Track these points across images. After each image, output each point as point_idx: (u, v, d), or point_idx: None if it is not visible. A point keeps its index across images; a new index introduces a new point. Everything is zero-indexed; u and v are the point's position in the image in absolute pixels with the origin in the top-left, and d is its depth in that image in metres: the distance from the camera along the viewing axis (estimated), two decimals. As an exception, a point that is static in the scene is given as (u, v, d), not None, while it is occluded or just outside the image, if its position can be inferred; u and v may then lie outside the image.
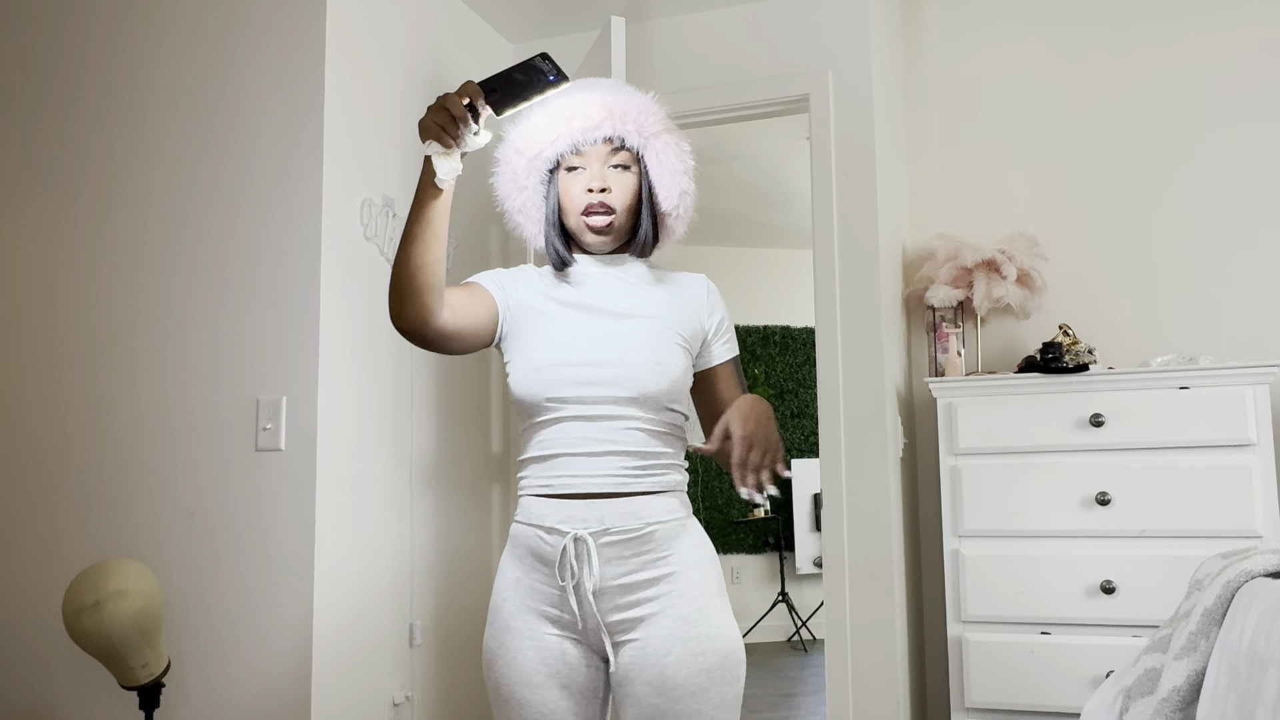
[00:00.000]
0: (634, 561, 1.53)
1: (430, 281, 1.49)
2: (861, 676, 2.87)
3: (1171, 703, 1.68)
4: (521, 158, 1.65)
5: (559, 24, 3.35)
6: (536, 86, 1.47)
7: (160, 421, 2.54)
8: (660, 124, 1.66)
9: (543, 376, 1.56)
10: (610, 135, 1.61)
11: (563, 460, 1.56)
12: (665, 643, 1.51)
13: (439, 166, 1.43)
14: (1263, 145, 3.14)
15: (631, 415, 1.55)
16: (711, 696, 1.51)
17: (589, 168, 1.61)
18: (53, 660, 2.55)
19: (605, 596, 1.53)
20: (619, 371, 1.55)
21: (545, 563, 1.55)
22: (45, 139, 2.76)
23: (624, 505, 1.53)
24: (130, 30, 2.71)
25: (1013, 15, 3.42)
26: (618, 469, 1.54)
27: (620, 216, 1.62)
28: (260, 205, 2.52)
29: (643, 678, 1.52)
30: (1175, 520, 2.70)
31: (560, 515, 1.54)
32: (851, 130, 3.04)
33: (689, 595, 1.54)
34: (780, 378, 6.96)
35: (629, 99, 1.64)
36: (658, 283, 1.68)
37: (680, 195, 1.67)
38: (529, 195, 1.67)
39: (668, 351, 1.59)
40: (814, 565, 6.74)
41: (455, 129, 1.41)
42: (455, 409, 3.04)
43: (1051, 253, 3.26)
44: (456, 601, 2.98)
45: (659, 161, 1.65)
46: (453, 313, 1.55)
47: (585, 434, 1.55)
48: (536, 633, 1.56)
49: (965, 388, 2.93)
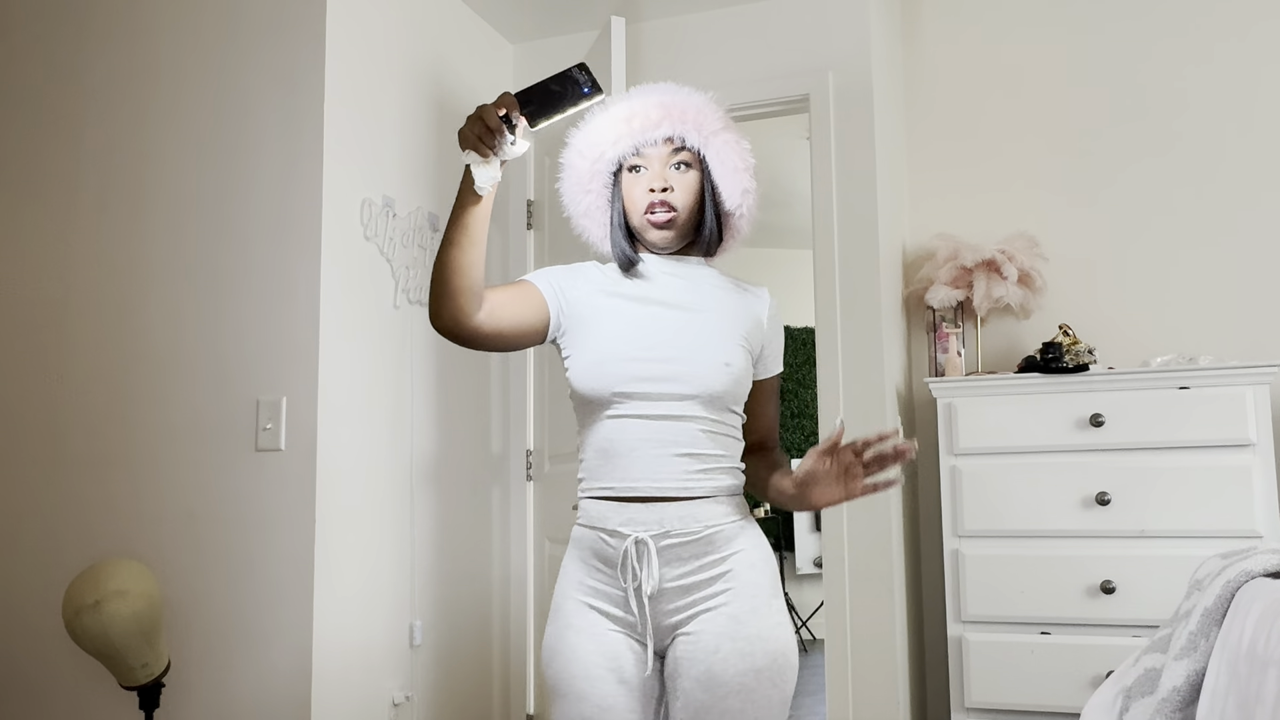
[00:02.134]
0: (693, 564, 1.55)
1: (464, 284, 1.51)
2: (861, 676, 2.87)
3: (1171, 703, 1.68)
4: (585, 160, 1.67)
5: (559, 24, 3.35)
6: (571, 98, 1.50)
7: (160, 421, 2.54)
8: (720, 122, 1.66)
9: (607, 370, 1.56)
10: (670, 135, 1.63)
11: (624, 461, 1.56)
12: (715, 640, 1.53)
13: (477, 175, 1.47)
14: (1263, 145, 3.14)
15: (694, 415, 1.56)
16: (757, 697, 1.52)
17: (651, 168, 1.63)
18: (53, 660, 2.55)
19: (664, 597, 1.55)
20: (686, 368, 1.56)
21: (608, 564, 1.57)
22: (46, 139, 2.76)
23: (683, 509, 1.55)
24: (131, 30, 2.71)
25: (1013, 16, 3.42)
26: (678, 472, 1.55)
27: (683, 214, 1.63)
28: (260, 205, 2.52)
29: (691, 672, 1.53)
30: (1175, 520, 2.70)
31: (621, 518, 1.55)
32: (851, 130, 3.04)
33: (743, 595, 1.55)
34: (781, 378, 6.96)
35: (687, 98, 1.66)
36: (723, 285, 1.69)
37: (743, 194, 1.67)
38: (593, 199, 1.69)
39: (735, 352, 1.60)
40: (814, 565, 6.74)
41: (492, 139, 1.44)
42: (455, 409, 3.04)
43: (1051, 253, 3.26)
44: (456, 601, 2.98)
45: (720, 160, 1.65)
46: (490, 314, 1.56)
47: (648, 434, 1.55)
48: (598, 629, 1.57)
49: (965, 388, 2.93)
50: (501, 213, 3.35)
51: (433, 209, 2.95)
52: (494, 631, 3.19)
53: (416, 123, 2.91)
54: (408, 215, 2.83)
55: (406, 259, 2.81)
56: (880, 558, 2.88)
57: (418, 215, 2.88)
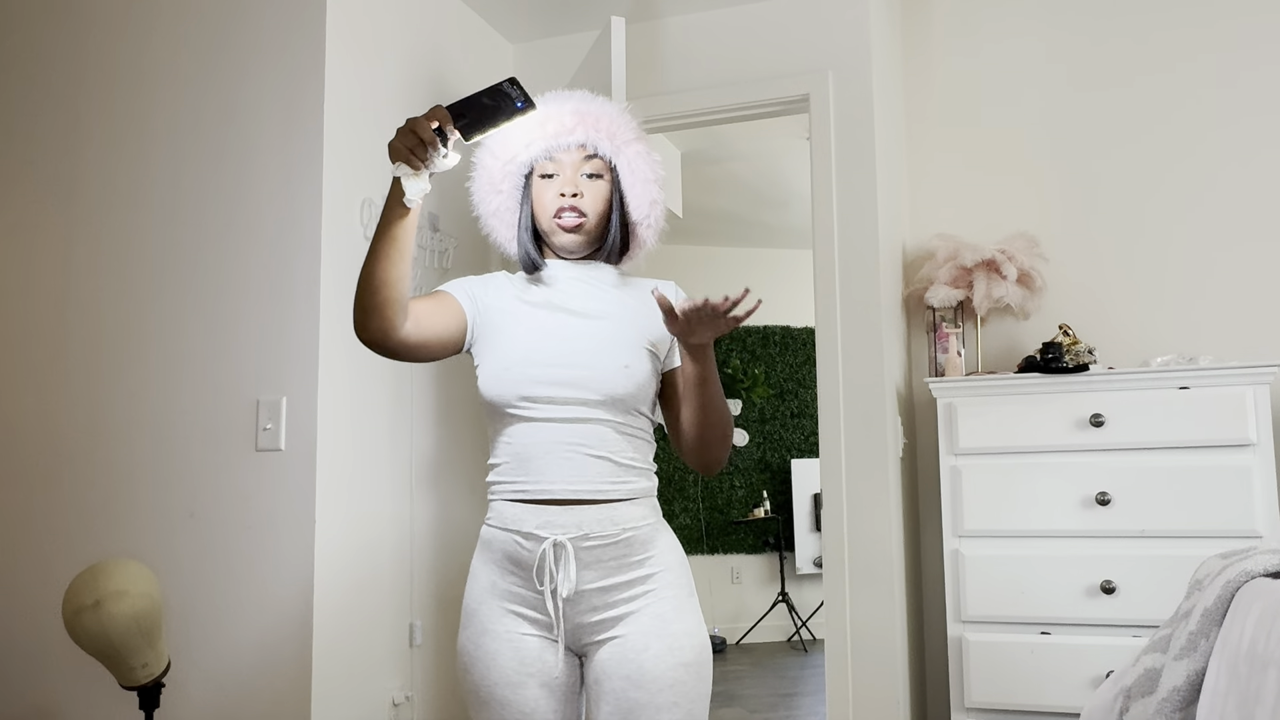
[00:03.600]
0: (611, 565, 1.56)
1: (392, 297, 1.51)
2: (861, 676, 2.87)
3: (1171, 703, 1.68)
4: (497, 161, 1.69)
5: (559, 24, 3.35)
6: (505, 112, 1.50)
7: (160, 422, 2.54)
8: (632, 133, 1.69)
9: (512, 376, 1.58)
10: (583, 142, 1.65)
11: (537, 464, 1.57)
12: (644, 639, 1.55)
13: (407, 187, 1.46)
14: (1264, 145, 3.14)
15: (601, 418, 1.58)
16: (688, 690, 1.56)
17: (562, 173, 1.65)
18: (53, 660, 2.55)
19: (583, 599, 1.56)
20: (587, 374, 1.58)
21: (522, 567, 1.58)
22: (45, 139, 2.76)
23: (601, 511, 1.56)
24: (130, 30, 2.71)
25: (1013, 16, 3.42)
26: (594, 475, 1.57)
27: (591, 220, 1.65)
28: (260, 205, 2.52)
29: (620, 672, 1.55)
30: (1175, 520, 2.70)
31: (538, 520, 1.56)
32: (851, 130, 3.04)
33: (666, 595, 1.58)
34: (780, 378, 6.96)
35: (601, 107, 1.68)
36: (626, 286, 1.71)
37: (650, 204, 1.70)
38: (504, 199, 1.71)
39: (635, 354, 1.61)
40: (814, 565, 6.74)
41: (423, 152, 1.45)
42: (455, 409, 3.04)
43: (1051, 253, 3.26)
44: (456, 601, 2.98)
45: (631, 170, 1.68)
46: (416, 324, 1.58)
47: (558, 437, 1.57)
48: (514, 634, 1.58)
49: (965, 388, 2.93)
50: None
51: (432, 209, 2.95)
52: (494, 631, 3.19)
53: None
54: (408, 215, 2.83)
55: (406, 259, 2.81)
56: (880, 558, 2.88)
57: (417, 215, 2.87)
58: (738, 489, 6.90)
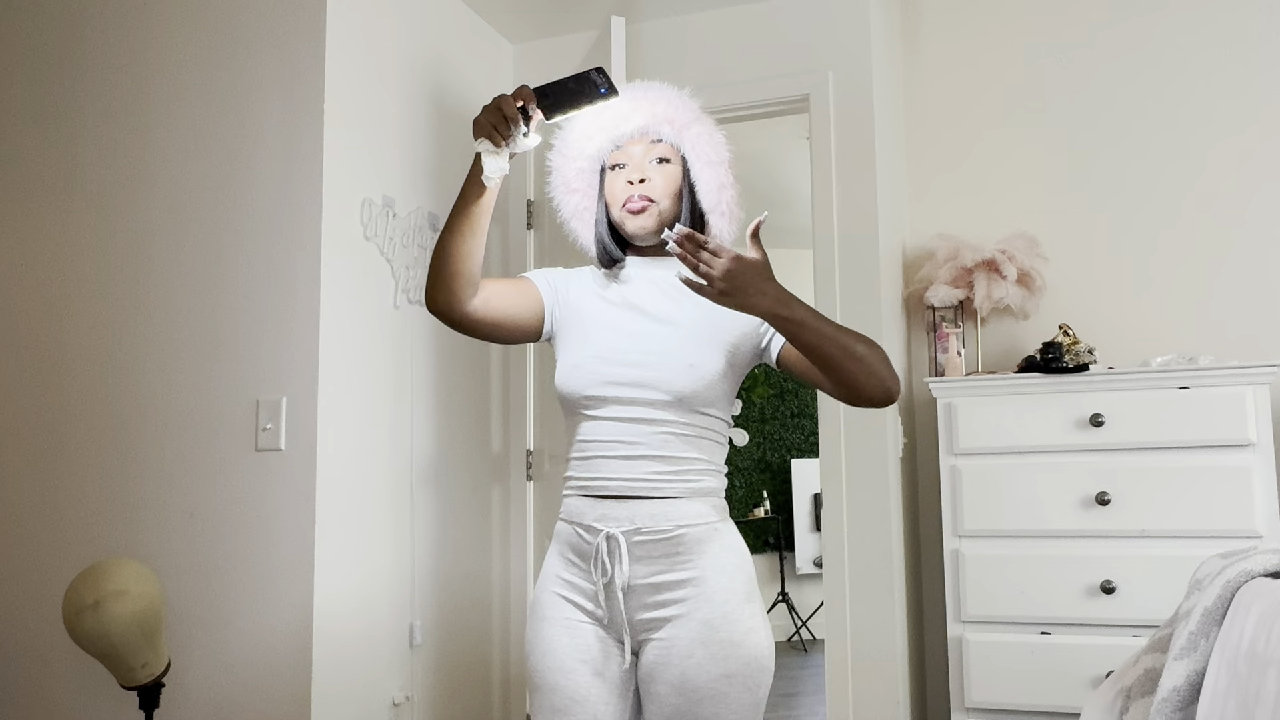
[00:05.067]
0: (663, 562, 1.56)
1: (460, 270, 1.55)
2: (861, 676, 2.87)
3: (1171, 703, 1.68)
4: (567, 161, 1.71)
5: (559, 24, 3.35)
6: (588, 96, 1.53)
7: (160, 422, 2.54)
8: (691, 114, 1.69)
9: (582, 374, 1.60)
10: (645, 128, 1.65)
11: (598, 461, 1.60)
12: (689, 645, 1.54)
13: (487, 164, 1.50)
14: (1264, 144, 3.14)
15: (665, 419, 1.58)
16: (731, 702, 1.53)
17: (631, 162, 1.65)
18: (53, 660, 2.55)
19: (634, 594, 1.57)
20: (654, 374, 1.58)
21: (583, 558, 1.60)
22: (46, 140, 2.76)
23: (654, 507, 1.56)
24: (131, 31, 2.71)
25: (1013, 16, 3.42)
26: (648, 473, 1.57)
27: (661, 204, 1.64)
28: (260, 205, 2.52)
29: (665, 677, 1.55)
30: (1175, 520, 2.70)
31: (596, 514, 1.59)
32: (851, 130, 3.04)
33: (715, 600, 1.56)
34: (780, 378, 6.96)
35: (659, 92, 1.69)
36: None
37: (719, 189, 1.67)
38: (580, 199, 1.72)
39: (704, 353, 1.60)
40: (814, 565, 6.74)
41: (507, 129, 1.48)
42: (455, 409, 3.04)
43: (1051, 253, 3.26)
44: (456, 601, 2.98)
45: (696, 154, 1.67)
46: (485, 302, 1.60)
47: (620, 435, 1.58)
48: (571, 622, 1.60)
49: (965, 388, 2.93)
50: (501, 212, 3.35)
51: (433, 209, 2.95)
52: (494, 631, 3.19)
53: (417, 122, 2.91)
54: (408, 215, 2.83)
55: (406, 259, 2.81)
56: (880, 558, 2.88)
57: (418, 215, 2.88)
58: (738, 489, 6.90)
